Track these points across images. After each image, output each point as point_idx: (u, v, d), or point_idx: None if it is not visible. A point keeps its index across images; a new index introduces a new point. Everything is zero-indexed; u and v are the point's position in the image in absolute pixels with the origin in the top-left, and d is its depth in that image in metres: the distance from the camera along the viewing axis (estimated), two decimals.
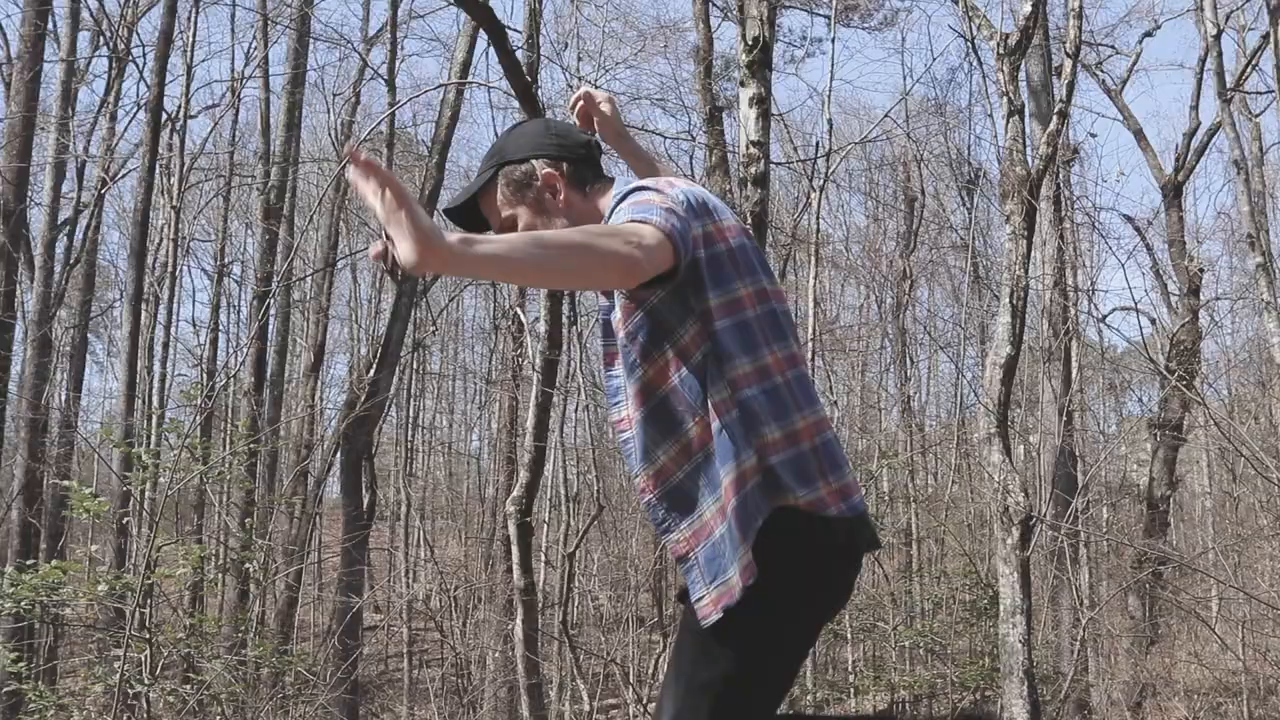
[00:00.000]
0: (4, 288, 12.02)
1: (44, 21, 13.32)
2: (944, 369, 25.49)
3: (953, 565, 15.89)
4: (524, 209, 2.25)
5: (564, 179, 2.26)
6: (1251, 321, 20.47)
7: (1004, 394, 7.95)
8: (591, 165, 2.30)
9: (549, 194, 2.25)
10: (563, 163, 2.27)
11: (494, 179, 2.28)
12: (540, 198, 2.25)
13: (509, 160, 2.27)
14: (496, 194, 2.28)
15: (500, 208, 2.28)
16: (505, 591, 14.57)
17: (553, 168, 2.26)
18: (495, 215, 2.29)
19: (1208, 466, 21.26)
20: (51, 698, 7.75)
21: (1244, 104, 17.47)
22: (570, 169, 2.27)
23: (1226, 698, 12.95)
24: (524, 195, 2.25)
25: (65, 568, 7.51)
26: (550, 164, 2.26)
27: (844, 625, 15.11)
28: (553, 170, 2.25)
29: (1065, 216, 15.23)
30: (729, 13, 12.55)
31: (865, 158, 22.88)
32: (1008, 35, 8.41)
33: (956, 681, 13.65)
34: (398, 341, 13.81)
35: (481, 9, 7.05)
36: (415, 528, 23.62)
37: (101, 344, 27.42)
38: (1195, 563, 14.82)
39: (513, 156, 2.27)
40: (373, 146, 16.21)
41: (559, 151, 2.28)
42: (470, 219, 2.36)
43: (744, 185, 7.55)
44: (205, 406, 10.05)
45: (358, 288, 25.12)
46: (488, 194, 2.30)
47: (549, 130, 2.34)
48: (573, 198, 2.25)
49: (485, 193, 2.30)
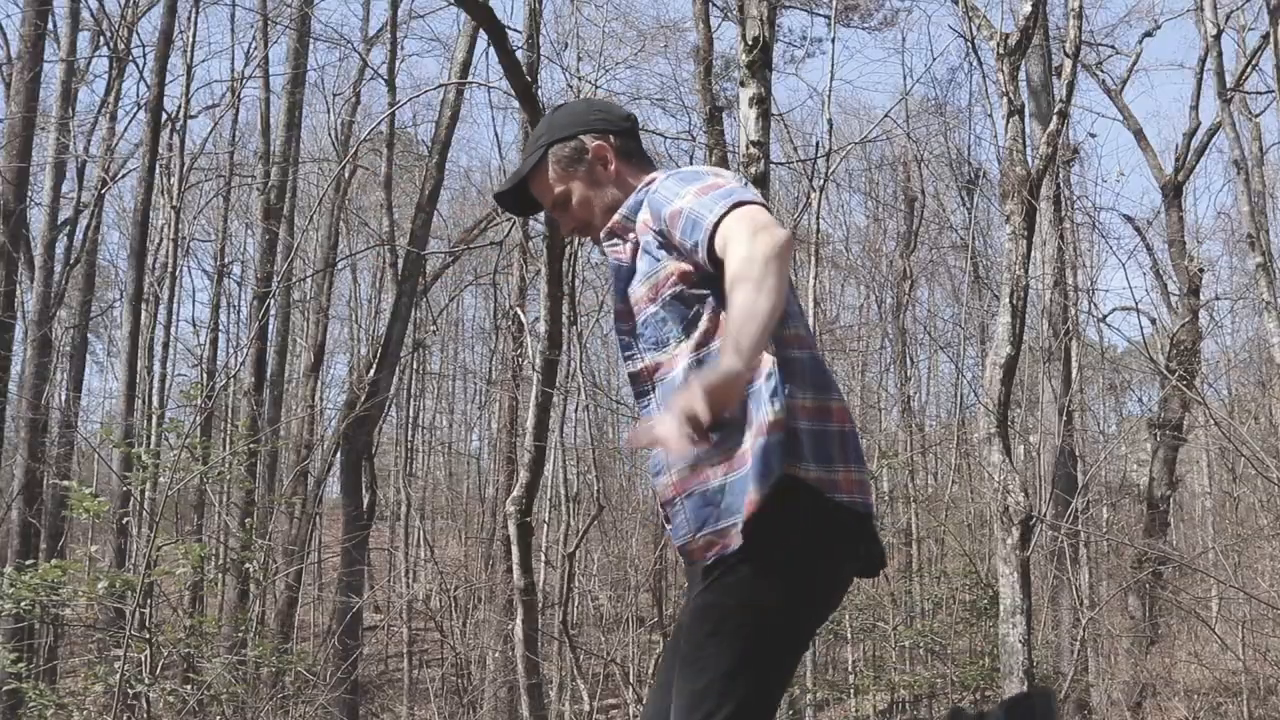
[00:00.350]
0: (4, 288, 12.02)
1: (44, 21, 13.32)
2: (944, 369, 25.50)
3: (953, 565, 15.89)
4: (577, 183, 2.29)
5: (613, 150, 2.30)
6: (1251, 321, 20.47)
7: (1004, 394, 7.95)
8: (635, 138, 2.35)
9: (600, 166, 2.29)
10: (609, 135, 2.31)
11: (544, 159, 2.31)
12: (592, 170, 2.29)
13: (557, 139, 2.31)
14: (547, 173, 2.31)
15: (553, 185, 2.31)
16: (505, 591, 14.57)
17: (601, 139, 2.30)
18: (548, 193, 2.33)
19: (1208, 466, 21.26)
20: (51, 698, 7.75)
21: (1244, 104, 17.47)
22: (618, 141, 2.31)
23: (1226, 698, 12.95)
24: (575, 170, 2.29)
25: (65, 567, 7.51)
26: (598, 136, 2.30)
27: (844, 625, 15.11)
28: (602, 142, 2.29)
29: (1065, 216, 15.23)
30: (729, 13, 12.54)
31: (865, 158, 22.88)
32: (1008, 35, 8.41)
33: (956, 681, 13.65)
34: (398, 341, 13.81)
35: (481, 9, 7.06)
36: (415, 528, 23.62)
37: (101, 344, 27.43)
38: (1195, 563, 14.82)
39: (560, 134, 2.31)
40: (373, 147, 16.23)
41: (605, 124, 2.32)
42: (522, 201, 2.41)
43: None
44: (205, 406, 10.05)
45: (358, 288, 25.15)
46: (538, 175, 2.33)
47: (592, 107, 2.40)
48: (622, 169, 2.30)
49: (535, 174, 2.33)
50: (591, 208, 2.29)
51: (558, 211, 2.34)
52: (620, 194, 2.27)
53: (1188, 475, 20.75)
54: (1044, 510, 12.27)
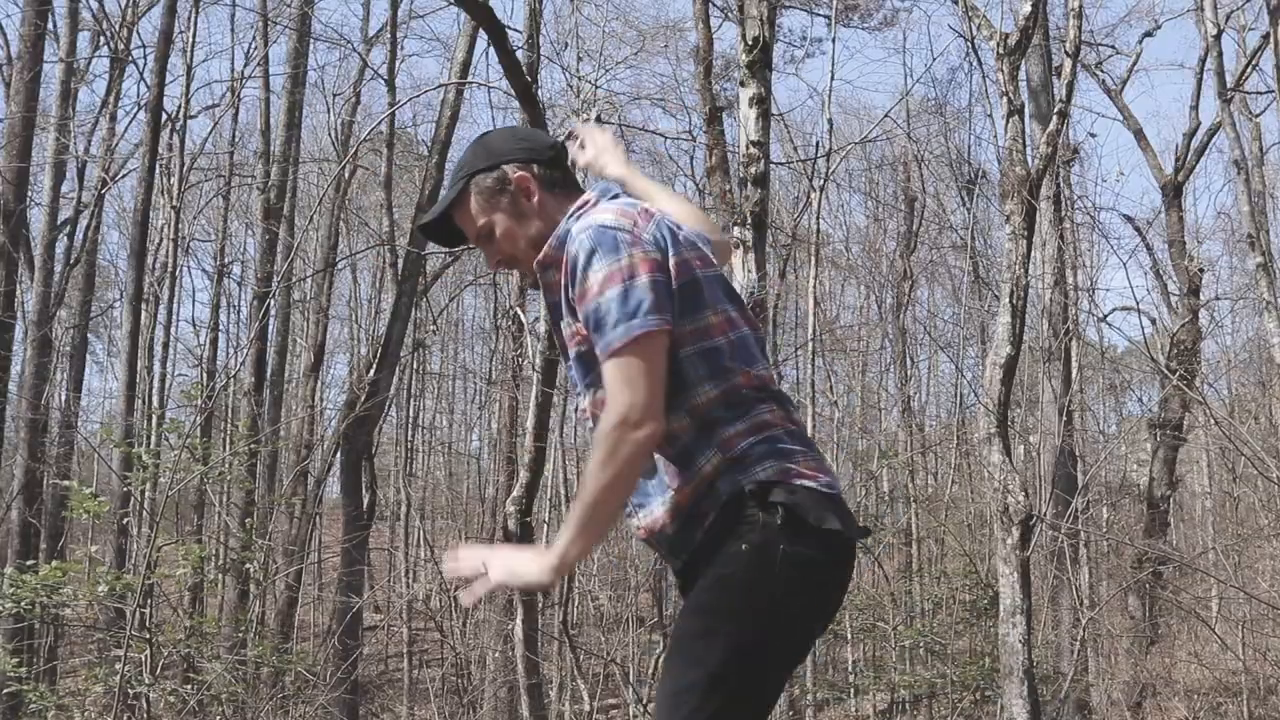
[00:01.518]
0: (4, 288, 12.02)
1: (44, 21, 13.32)
2: (944, 369, 25.50)
3: (953, 565, 15.88)
4: (500, 215, 2.25)
5: (536, 181, 2.25)
6: (1251, 321, 20.48)
7: (1004, 394, 7.95)
8: (560, 167, 2.30)
9: (523, 197, 2.24)
10: (533, 164, 2.26)
11: (466, 190, 2.27)
12: (515, 201, 2.25)
13: (479, 169, 2.26)
14: (470, 205, 2.27)
15: (475, 217, 2.27)
16: (505, 591, 14.56)
17: (524, 170, 2.25)
18: (470, 225, 2.29)
19: (1208, 466, 21.26)
20: (52, 698, 7.75)
21: (1244, 104, 17.47)
22: (541, 171, 2.26)
23: (1226, 698, 12.95)
24: (498, 201, 2.25)
25: (65, 568, 7.51)
26: (520, 167, 2.25)
27: (844, 625, 15.11)
28: (524, 173, 2.25)
29: (1065, 216, 15.23)
30: (729, 13, 12.55)
31: (865, 158, 22.87)
32: (1008, 35, 8.41)
33: (956, 681, 13.63)
34: (398, 341, 13.80)
35: (481, 9, 7.06)
36: (415, 528, 23.61)
37: (101, 344, 27.42)
38: (1195, 563, 14.82)
39: (482, 165, 2.26)
40: (373, 147, 16.23)
41: (528, 155, 2.27)
42: (445, 233, 2.36)
43: (744, 185, 7.55)
44: (205, 406, 10.05)
45: (358, 288, 25.15)
46: (461, 206, 2.28)
47: (515, 136, 2.35)
48: (546, 199, 2.25)
49: (458, 206, 2.29)
50: (516, 240, 2.25)
51: (482, 244, 2.29)
52: (544, 226, 2.23)
53: (1188, 475, 20.75)
54: (1044, 510, 12.26)
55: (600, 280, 2.05)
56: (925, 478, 21.06)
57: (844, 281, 24.94)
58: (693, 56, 9.64)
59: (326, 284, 16.90)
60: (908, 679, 14.73)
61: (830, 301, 23.55)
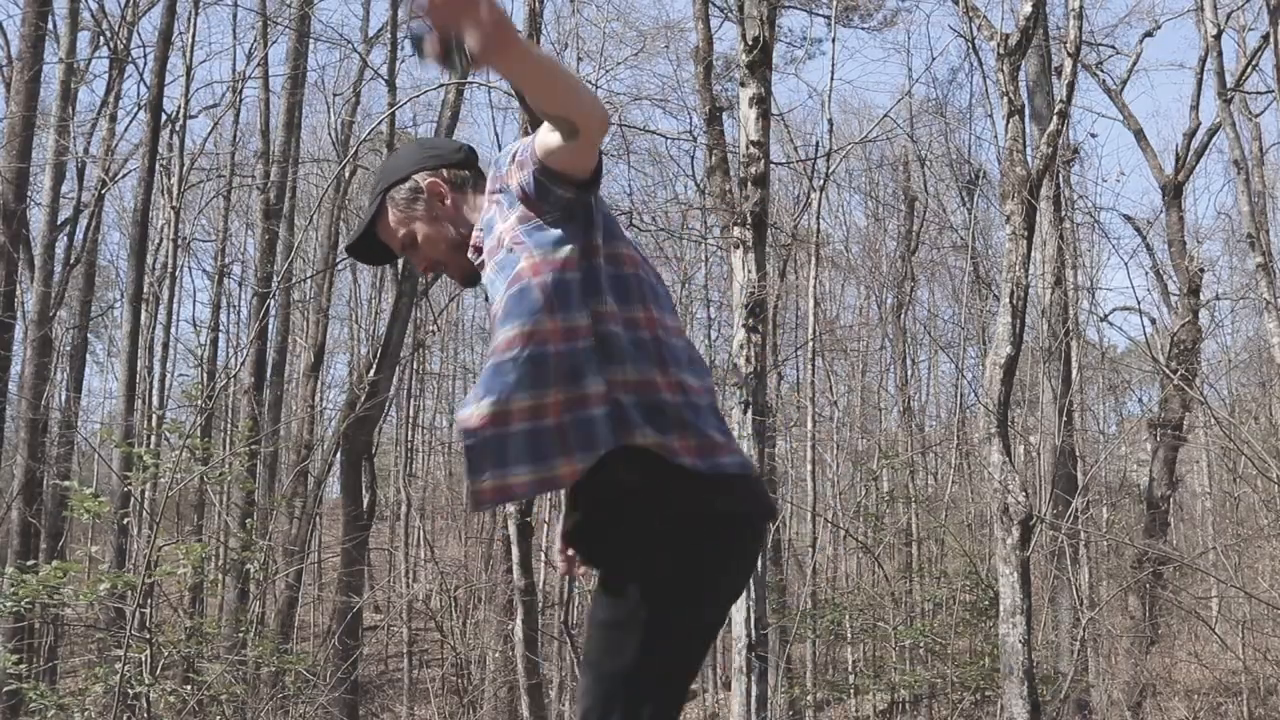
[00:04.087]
0: (4, 288, 12.02)
1: (44, 21, 13.31)
2: (944, 369, 25.50)
3: (953, 565, 15.88)
4: (419, 223, 2.30)
5: (447, 184, 2.31)
6: (1251, 321, 20.49)
7: (1004, 394, 7.95)
8: (470, 167, 2.35)
9: (437, 201, 2.30)
10: (442, 169, 2.32)
11: (383, 205, 2.33)
12: (431, 207, 2.30)
13: (392, 182, 2.32)
14: (389, 218, 2.33)
15: (396, 229, 2.32)
16: (505, 591, 14.57)
17: (434, 176, 2.31)
18: (394, 238, 2.34)
19: (1208, 466, 21.27)
20: (52, 698, 7.75)
21: (1244, 104, 17.47)
22: (451, 174, 2.32)
23: (1226, 698, 12.95)
24: (414, 210, 2.30)
25: (66, 568, 7.51)
26: (430, 174, 2.31)
27: (844, 625, 15.11)
28: (435, 179, 2.30)
29: (1065, 216, 15.24)
30: (729, 13, 12.55)
31: (865, 158, 22.87)
32: (1008, 35, 8.42)
33: (956, 681, 13.64)
34: (398, 341, 13.80)
35: None
36: (415, 528, 23.62)
37: (101, 344, 27.43)
38: (1195, 563, 14.83)
39: (394, 178, 2.32)
40: (373, 147, 16.23)
41: (436, 161, 2.33)
42: (370, 252, 2.41)
43: (744, 185, 7.56)
44: (205, 407, 10.05)
45: (358, 288, 25.11)
46: (381, 222, 2.34)
47: (422, 146, 2.40)
48: (459, 200, 2.31)
49: (379, 222, 2.34)
50: (437, 244, 2.29)
51: (408, 252, 2.34)
52: (464, 228, 2.27)
53: (1188, 475, 20.76)
54: (1044, 510, 12.27)
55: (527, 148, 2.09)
56: (925, 478, 21.07)
57: (844, 281, 24.93)
58: (693, 56, 9.62)
59: (326, 284, 16.89)
60: (908, 679, 14.74)
61: (830, 301, 23.55)
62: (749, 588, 7.14)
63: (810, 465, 15.12)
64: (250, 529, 10.26)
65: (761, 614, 7.64)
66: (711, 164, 8.35)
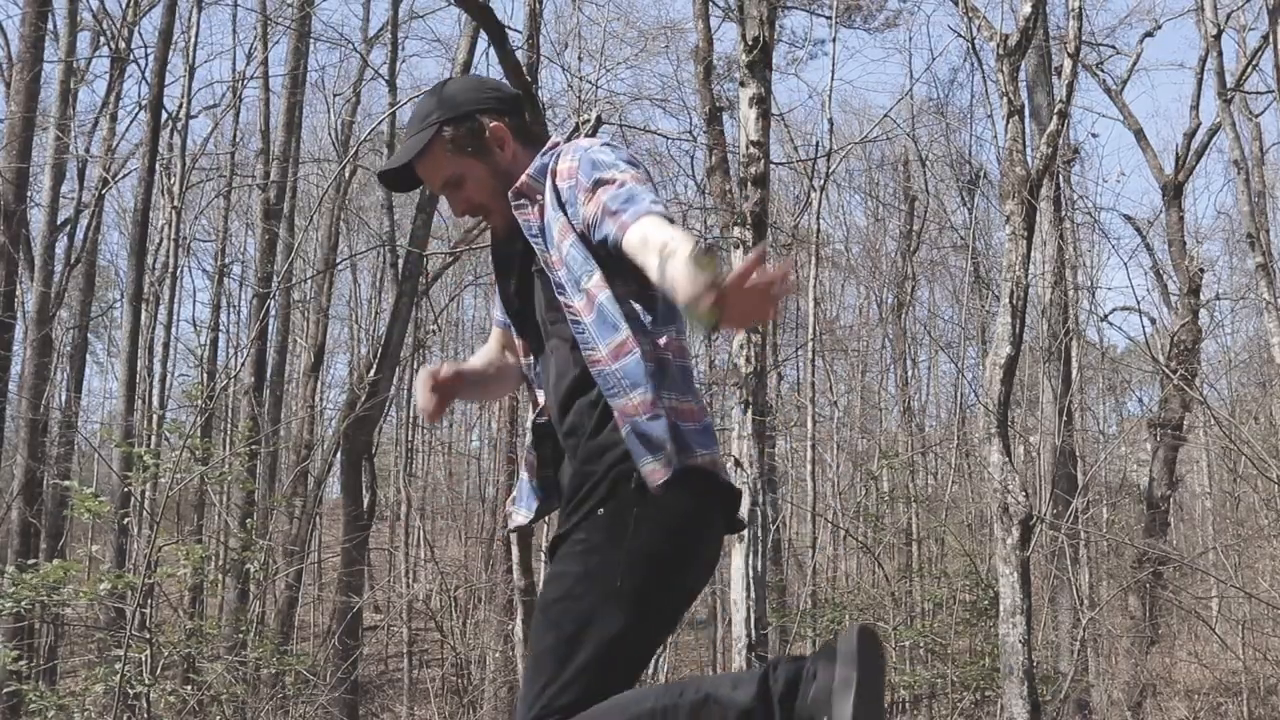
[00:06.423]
0: (4, 288, 12.01)
1: (44, 21, 13.31)
2: (944, 369, 25.49)
3: (953, 565, 15.88)
4: (471, 163, 2.20)
5: (510, 131, 2.22)
6: (1251, 321, 20.48)
7: (1004, 394, 7.95)
8: (524, 115, 2.28)
9: (498, 147, 2.20)
10: (504, 116, 2.22)
11: (435, 138, 2.20)
12: (489, 151, 2.20)
13: (450, 118, 2.20)
14: (439, 153, 2.21)
15: (444, 166, 2.21)
16: (505, 591, 14.56)
17: (499, 120, 2.21)
18: (436, 174, 2.23)
19: (1208, 466, 21.26)
20: (51, 698, 7.75)
21: (1244, 104, 17.47)
22: (513, 122, 2.23)
23: (1226, 698, 12.95)
24: (471, 150, 2.20)
25: (66, 568, 7.51)
26: (495, 117, 2.21)
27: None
28: (500, 123, 2.21)
29: (1065, 216, 15.23)
30: (729, 13, 12.56)
31: (865, 158, 22.88)
32: (1007, 36, 8.42)
33: (956, 681, 13.63)
34: (398, 341, 13.80)
35: (481, 9, 7.05)
36: (415, 528, 23.60)
37: (101, 344, 27.40)
38: (1195, 562, 14.83)
39: (454, 114, 2.20)
40: (373, 147, 16.23)
41: (499, 104, 2.23)
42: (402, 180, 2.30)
43: (744, 185, 7.55)
44: (206, 407, 10.05)
45: (358, 288, 25.15)
46: (427, 155, 2.21)
47: (483, 85, 2.29)
48: (517, 150, 2.22)
49: (426, 154, 2.21)
50: (485, 189, 2.21)
51: (448, 191, 2.24)
52: (513, 174, 2.19)
53: (1188, 475, 20.74)
54: (1044, 510, 12.26)
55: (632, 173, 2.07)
56: (925, 478, 21.07)
57: (844, 281, 24.92)
58: (693, 56, 9.63)
59: (326, 284, 16.90)
60: (908, 679, 14.73)
61: (830, 301, 23.54)
62: (749, 587, 7.15)
63: (810, 465, 15.13)
64: (250, 529, 10.26)
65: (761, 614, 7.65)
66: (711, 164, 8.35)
